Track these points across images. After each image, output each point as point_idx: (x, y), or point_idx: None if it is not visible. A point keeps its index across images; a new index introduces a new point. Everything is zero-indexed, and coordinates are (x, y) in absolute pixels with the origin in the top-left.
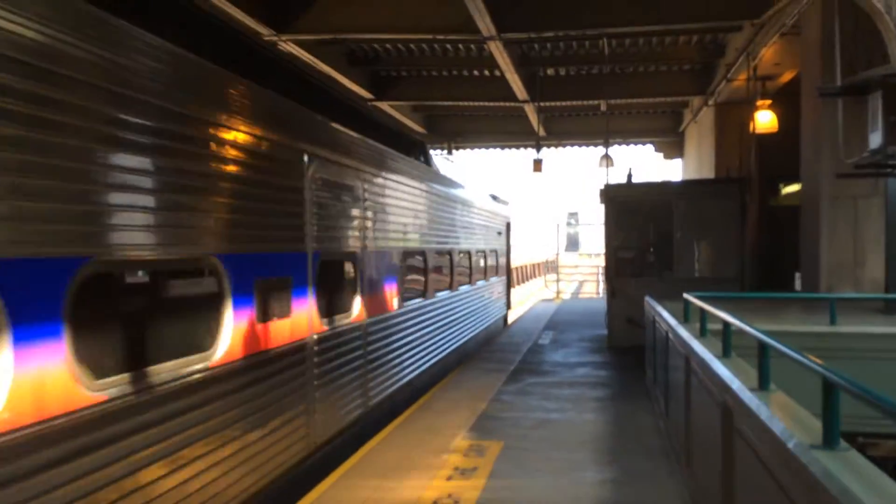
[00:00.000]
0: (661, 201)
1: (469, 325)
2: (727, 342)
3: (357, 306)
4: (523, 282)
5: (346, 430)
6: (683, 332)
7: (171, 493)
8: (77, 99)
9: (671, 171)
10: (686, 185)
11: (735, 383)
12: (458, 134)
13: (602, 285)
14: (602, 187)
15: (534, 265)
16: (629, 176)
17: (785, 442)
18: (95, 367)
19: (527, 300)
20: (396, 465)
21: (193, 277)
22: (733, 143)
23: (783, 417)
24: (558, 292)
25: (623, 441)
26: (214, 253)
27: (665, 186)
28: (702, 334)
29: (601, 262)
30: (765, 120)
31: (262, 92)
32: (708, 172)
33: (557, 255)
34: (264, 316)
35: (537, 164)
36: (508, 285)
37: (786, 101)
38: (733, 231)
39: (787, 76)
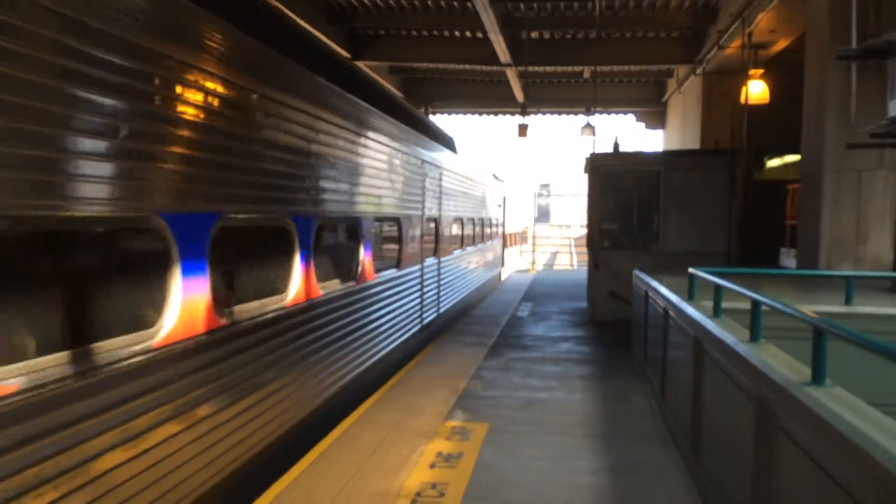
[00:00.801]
0: (648, 172)
1: (483, 271)
2: (756, 325)
3: (437, 250)
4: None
5: (431, 324)
6: (692, 312)
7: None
8: None
9: (652, 142)
10: (675, 155)
11: (777, 374)
12: (437, 98)
13: (576, 257)
14: (587, 156)
15: (508, 235)
16: (616, 145)
17: (879, 460)
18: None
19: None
20: (374, 449)
21: (392, 227)
22: (720, 114)
23: (863, 426)
24: (533, 263)
25: (616, 424)
26: (398, 215)
27: (653, 157)
28: (715, 314)
29: (572, 233)
30: (756, 90)
31: (416, 134)
32: (692, 144)
33: (534, 225)
34: (408, 249)
35: (522, 129)
36: (503, 247)
37: (776, 72)
38: (722, 204)
39: (781, 44)
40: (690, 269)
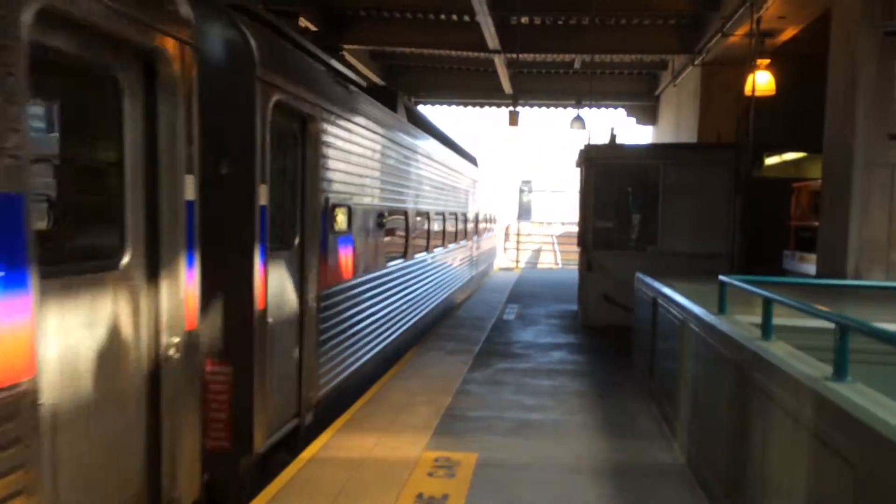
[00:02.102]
0: (647, 166)
1: (491, 248)
2: (844, 359)
3: (477, 233)
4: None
5: (473, 277)
6: (730, 330)
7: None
8: None
9: (643, 138)
10: (676, 148)
11: None
12: (421, 88)
13: (560, 255)
14: (582, 147)
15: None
16: (612, 136)
17: None
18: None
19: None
20: (339, 492)
21: (462, 219)
22: (719, 107)
23: None
24: (517, 262)
25: (626, 456)
26: (466, 212)
27: (653, 149)
28: (765, 336)
29: (554, 230)
30: (762, 81)
31: (467, 163)
32: (687, 139)
33: (518, 223)
34: (468, 232)
35: (513, 117)
36: (500, 237)
37: (779, 64)
38: (725, 202)
39: (789, 33)
40: (722, 277)
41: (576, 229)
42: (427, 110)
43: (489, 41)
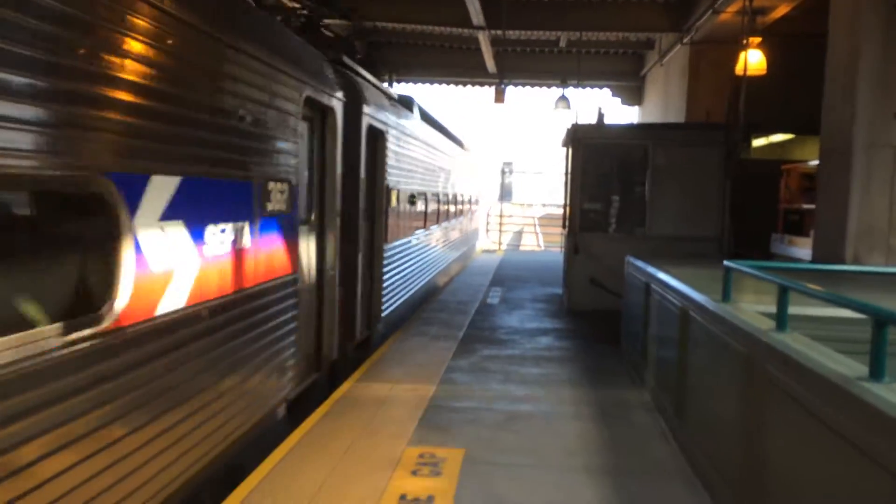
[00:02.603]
0: (636, 146)
1: (475, 230)
2: (880, 356)
3: (471, 210)
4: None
5: (470, 244)
6: (741, 321)
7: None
8: None
9: (628, 118)
10: (665, 128)
11: None
12: (402, 65)
13: (542, 237)
14: (569, 127)
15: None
16: (600, 116)
17: None
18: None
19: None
20: (316, 492)
21: (464, 199)
22: (708, 86)
23: None
24: (500, 244)
25: (622, 452)
26: (466, 192)
27: (642, 129)
28: (780, 327)
29: (534, 212)
30: (754, 60)
31: (467, 150)
32: (675, 120)
33: (501, 204)
34: (465, 209)
35: (499, 94)
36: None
37: (769, 44)
38: (715, 184)
39: (781, 10)
40: (727, 263)
41: (557, 211)
42: (408, 88)
43: (474, 17)
